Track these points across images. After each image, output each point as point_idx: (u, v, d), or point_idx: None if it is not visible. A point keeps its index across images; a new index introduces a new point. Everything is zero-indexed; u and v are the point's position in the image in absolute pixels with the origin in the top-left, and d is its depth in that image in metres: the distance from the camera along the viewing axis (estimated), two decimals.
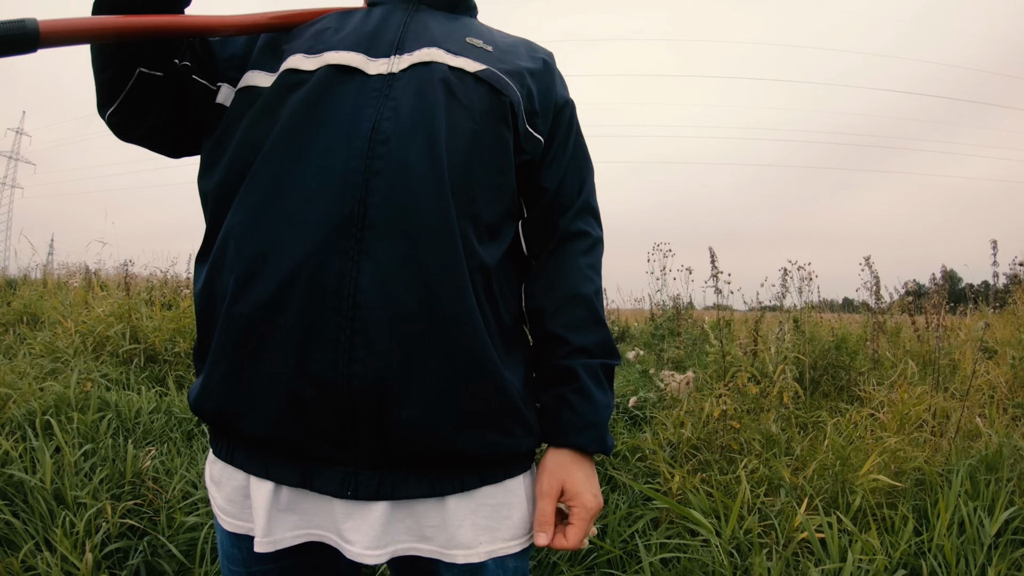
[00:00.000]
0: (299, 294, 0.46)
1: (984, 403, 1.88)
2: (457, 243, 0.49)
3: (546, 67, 0.64)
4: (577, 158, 0.65)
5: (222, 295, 0.50)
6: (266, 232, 0.48)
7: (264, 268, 0.47)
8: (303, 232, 0.47)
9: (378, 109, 0.51)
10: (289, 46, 0.57)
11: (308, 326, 0.46)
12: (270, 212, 0.49)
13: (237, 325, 0.48)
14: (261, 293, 0.47)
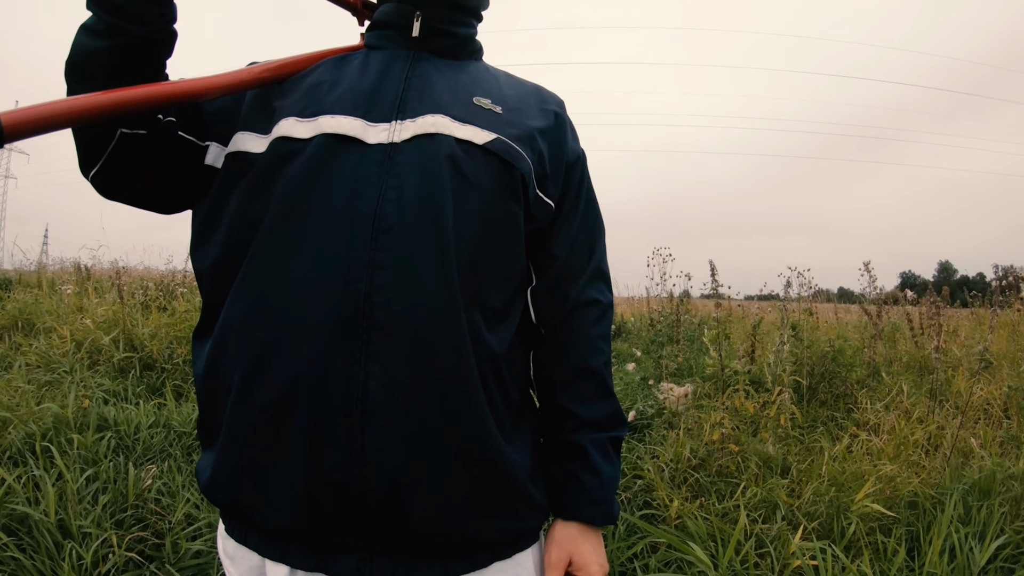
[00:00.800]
0: (306, 397, 0.46)
1: (979, 417, 1.90)
2: (466, 339, 0.49)
3: (557, 121, 0.61)
4: (588, 218, 0.63)
5: (226, 388, 0.49)
6: (267, 329, 0.47)
7: (268, 369, 0.47)
8: (306, 331, 0.46)
9: (380, 189, 0.48)
10: (281, 104, 0.53)
11: (318, 429, 0.46)
12: (270, 306, 0.47)
13: (245, 426, 0.47)
14: (267, 396, 0.46)
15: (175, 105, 0.48)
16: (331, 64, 0.58)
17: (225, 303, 0.50)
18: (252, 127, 0.53)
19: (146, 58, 0.49)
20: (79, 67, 0.48)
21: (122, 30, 0.46)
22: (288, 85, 0.55)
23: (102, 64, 0.47)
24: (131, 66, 0.48)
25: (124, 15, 0.46)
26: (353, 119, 0.51)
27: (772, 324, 3.05)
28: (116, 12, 0.46)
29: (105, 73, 0.47)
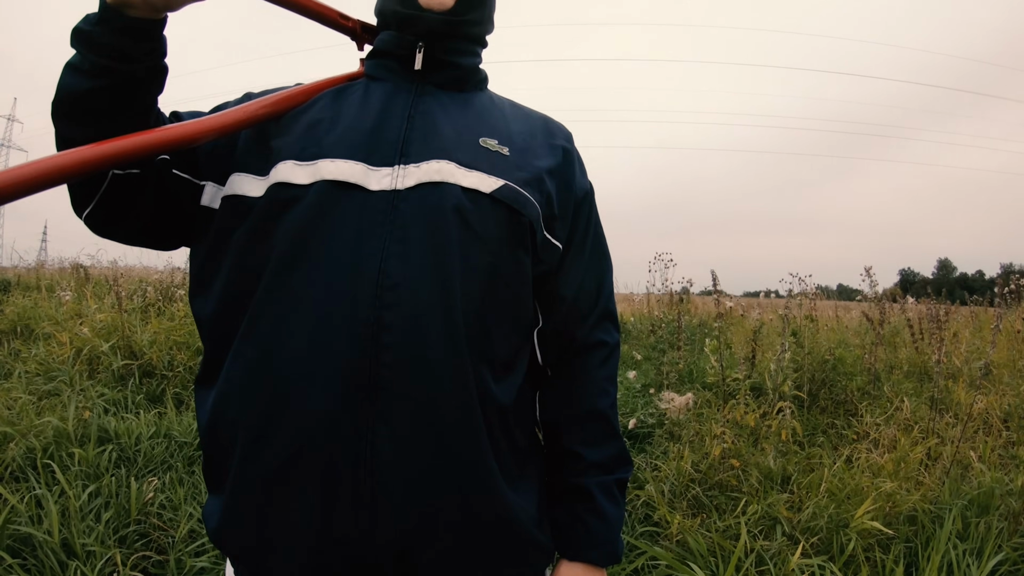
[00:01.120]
0: (314, 455, 0.45)
1: (978, 427, 1.91)
2: (473, 395, 0.48)
3: (565, 158, 0.60)
4: (595, 257, 0.63)
5: (231, 444, 0.49)
6: (271, 389, 0.46)
7: (274, 430, 0.46)
8: (312, 392, 0.45)
9: (384, 241, 0.47)
10: (279, 144, 0.52)
11: (326, 486, 0.46)
12: (274, 366, 0.47)
13: (253, 481, 0.47)
14: (274, 455, 0.46)
15: (173, 150, 0.47)
16: (330, 98, 0.56)
17: (227, 358, 0.49)
18: (249, 168, 0.52)
19: (136, 97, 0.47)
20: (66, 108, 0.47)
21: (108, 70, 0.45)
22: (286, 121, 0.54)
23: (89, 105, 0.46)
24: (120, 106, 0.47)
25: (110, 54, 0.44)
26: (354, 163, 0.49)
27: (773, 328, 3.04)
28: (101, 51, 0.44)
29: (93, 114, 0.46)
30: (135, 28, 0.44)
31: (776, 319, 2.99)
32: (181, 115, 0.55)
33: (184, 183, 0.53)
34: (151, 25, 0.45)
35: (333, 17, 0.59)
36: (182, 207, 0.53)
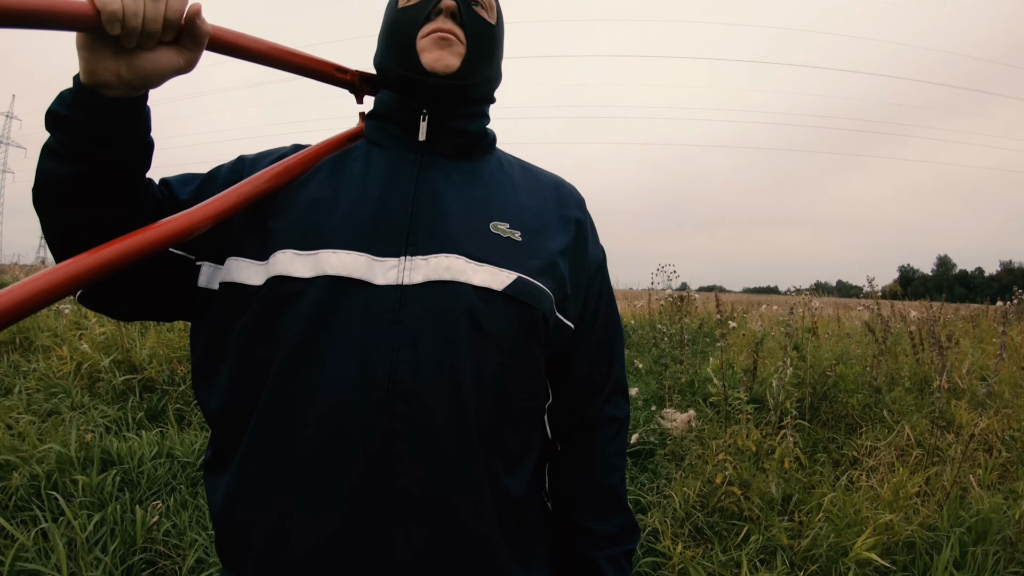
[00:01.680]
0: (329, 561, 0.45)
1: (978, 447, 1.92)
2: (486, 492, 0.48)
3: (578, 231, 0.58)
4: (608, 330, 0.62)
5: (246, 540, 0.48)
6: (283, 496, 0.46)
7: (287, 536, 0.46)
8: (325, 500, 0.45)
9: (393, 345, 0.46)
10: (277, 225, 0.50)
11: None
12: (285, 473, 0.46)
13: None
14: (288, 560, 0.46)
15: (167, 246, 0.44)
16: (329, 168, 0.54)
17: (237, 455, 0.49)
18: (246, 251, 0.50)
19: (121, 180, 0.45)
20: (47, 195, 0.45)
21: (88, 155, 0.42)
22: (284, 197, 0.52)
23: (72, 192, 0.43)
24: (105, 192, 0.44)
25: (88, 139, 0.42)
26: (357, 255, 0.47)
27: (776, 340, 3.04)
28: (79, 136, 0.42)
29: (77, 201, 0.44)
30: (114, 109, 0.42)
31: (778, 330, 2.98)
32: (170, 182, 0.53)
33: (181, 260, 0.51)
34: (131, 104, 0.42)
35: (329, 72, 0.56)
36: (179, 285, 0.52)
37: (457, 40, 0.53)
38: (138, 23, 0.38)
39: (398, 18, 0.55)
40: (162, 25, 0.40)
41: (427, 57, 0.52)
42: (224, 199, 0.48)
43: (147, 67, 0.41)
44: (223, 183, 0.54)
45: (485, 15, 0.56)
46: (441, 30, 0.52)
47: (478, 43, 0.55)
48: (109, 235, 0.44)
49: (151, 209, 0.49)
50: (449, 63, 0.52)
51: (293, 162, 0.53)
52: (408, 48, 0.53)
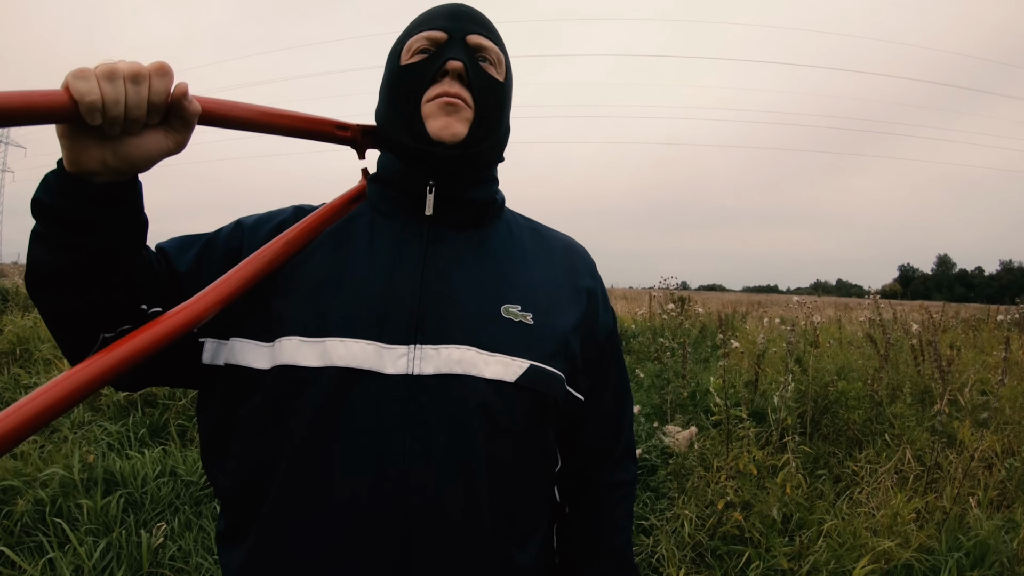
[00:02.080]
0: None
1: (979, 464, 1.92)
2: (499, 569, 0.48)
3: (590, 301, 0.57)
4: (617, 397, 0.61)
5: None
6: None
7: None
8: None
9: (406, 440, 0.45)
10: (281, 306, 0.49)
11: None
12: (298, 565, 0.45)
13: None
14: None
15: (172, 342, 0.44)
16: (332, 242, 0.52)
17: (250, 535, 0.48)
18: (250, 331, 0.49)
19: (118, 263, 0.43)
20: (41, 284, 0.43)
21: (79, 244, 0.40)
22: (286, 274, 0.50)
23: (66, 280, 0.42)
24: (101, 276, 0.42)
25: (78, 229, 0.40)
26: (366, 344, 0.46)
27: (778, 352, 3.04)
28: (68, 226, 0.40)
29: (72, 288, 0.42)
30: (103, 196, 0.39)
31: (780, 344, 2.98)
32: (167, 251, 0.52)
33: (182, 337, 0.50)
34: (121, 189, 0.40)
35: (329, 131, 0.54)
36: (183, 359, 0.51)
37: (465, 104, 0.51)
38: (120, 111, 0.36)
39: (401, 76, 0.52)
40: (146, 111, 0.37)
41: (433, 125, 0.50)
42: (227, 284, 0.47)
43: (134, 153, 0.39)
44: (223, 251, 0.53)
45: (494, 72, 0.54)
46: (447, 94, 0.50)
47: (487, 105, 0.52)
48: (108, 315, 0.44)
49: (150, 283, 0.47)
50: (456, 131, 0.50)
51: (295, 236, 0.51)
52: (413, 113, 0.51)
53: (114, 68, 0.36)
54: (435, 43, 0.52)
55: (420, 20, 0.54)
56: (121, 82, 0.36)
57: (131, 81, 0.36)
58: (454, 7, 0.54)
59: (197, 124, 0.42)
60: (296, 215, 0.56)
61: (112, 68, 0.36)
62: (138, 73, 0.36)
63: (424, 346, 0.47)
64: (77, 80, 0.35)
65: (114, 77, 0.36)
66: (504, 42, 0.57)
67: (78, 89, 0.35)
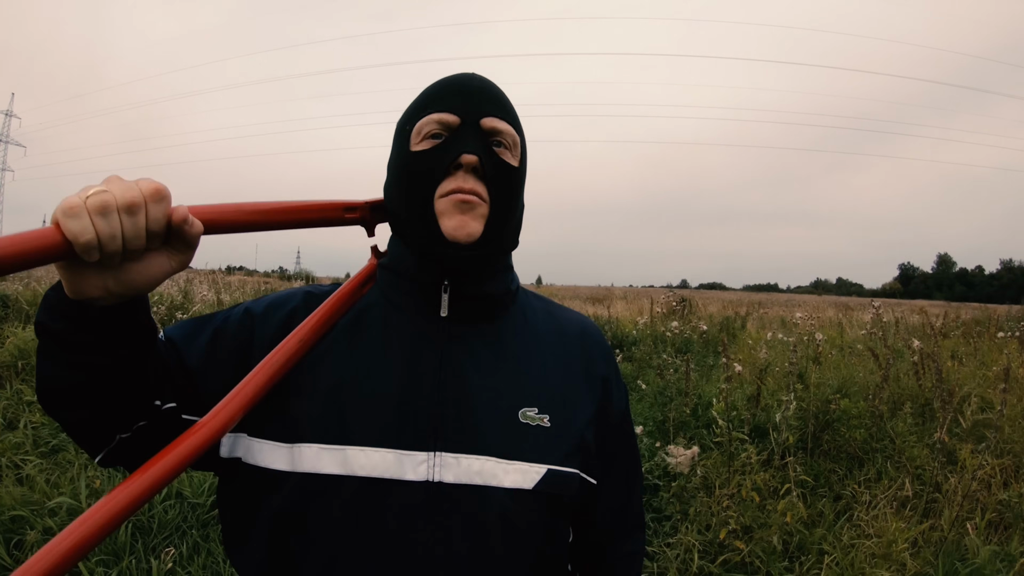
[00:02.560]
0: None
1: (979, 486, 1.94)
2: None
3: (604, 389, 0.57)
4: (628, 472, 0.62)
5: None
6: None
7: None
8: None
9: (427, 544, 0.46)
10: (297, 407, 0.49)
11: None
12: None
13: None
14: None
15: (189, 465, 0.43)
16: (346, 339, 0.52)
17: None
18: (267, 432, 0.49)
19: (129, 375, 0.42)
20: (51, 399, 0.43)
21: (86, 364, 0.40)
22: (301, 374, 0.49)
23: (75, 396, 0.42)
24: (114, 389, 0.42)
25: (82, 350, 0.39)
26: (386, 452, 0.47)
27: (779, 366, 3.04)
28: (74, 349, 0.39)
29: (85, 402, 0.42)
30: (107, 319, 0.39)
31: (782, 360, 2.98)
32: (176, 342, 0.51)
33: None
34: (126, 308, 0.39)
35: (337, 215, 0.52)
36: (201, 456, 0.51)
37: (480, 199, 0.49)
38: (118, 246, 0.35)
39: (412, 165, 0.51)
40: (145, 240, 0.36)
41: (448, 223, 0.49)
42: (245, 393, 0.46)
43: (137, 279, 0.38)
44: (233, 341, 0.52)
45: (509, 158, 0.52)
46: (462, 191, 0.48)
47: (502, 196, 0.51)
48: (123, 418, 0.44)
49: (162, 379, 0.47)
50: (472, 231, 0.49)
51: (309, 334, 0.50)
52: (425, 208, 0.49)
53: (106, 202, 0.34)
54: (447, 127, 0.50)
55: (430, 96, 0.52)
56: (116, 215, 0.34)
57: (126, 213, 0.35)
58: (465, 82, 0.52)
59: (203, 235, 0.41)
60: (306, 302, 0.55)
61: (104, 202, 0.34)
62: (133, 204, 0.35)
63: (444, 454, 0.47)
64: (69, 219, 0.33)
65: (107, 211, 0.34)
66: (517, 114, 0.55)
67: (71, 229, 0.33)
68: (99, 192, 0.35)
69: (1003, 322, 4.93)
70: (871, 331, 3.23)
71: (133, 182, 0.37)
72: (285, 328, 0.51)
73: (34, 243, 0.33)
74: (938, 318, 4.54)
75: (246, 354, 0.51)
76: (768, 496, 1.90)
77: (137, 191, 0.36)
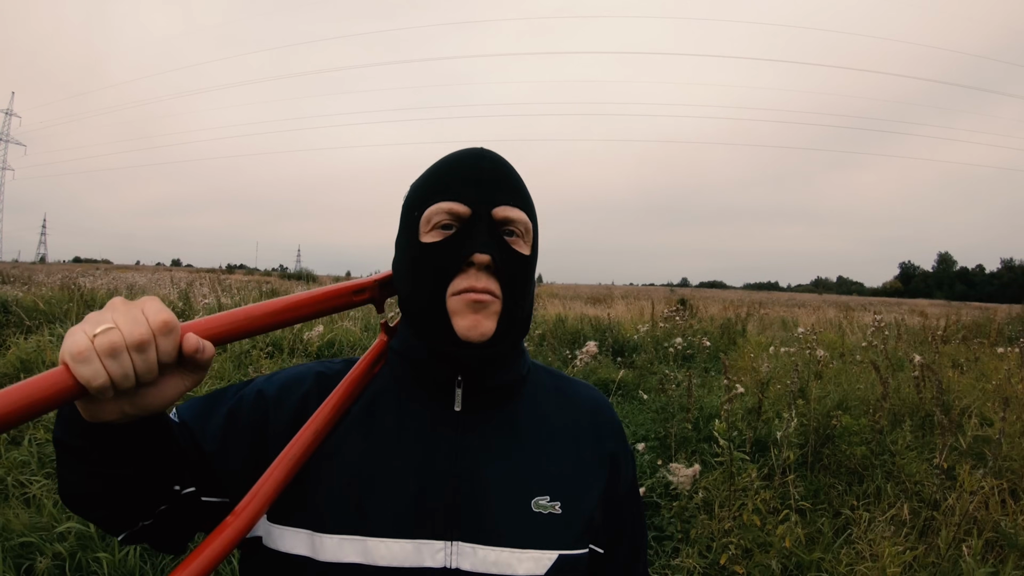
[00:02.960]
0: None
1: (978, 508, 1.96)
2: None
3: (613, 468, 0.58)
4: (636, 539, 0.62)
5: None
6: None
7: None
8: None
9: None
10: (315, 497, 0.49)
11: None
12: None
13: None
14: None
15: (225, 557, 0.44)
16: (361, 428, 0.52)
17: None
18: (287, 518, 0.49)
19: (153, 477, 0.43)
20: (74, 502, 0.44)
21: (106, 475, 0.40)
22: (317, 462, 0.50)
23: (97, 500, 0.42)
24: (138, 492, 0.43)
25: (102, 464, 0.40)
26: (405, 543, 0.48)
27: (782, 374, 3.05)
28: (94, 463, 0.40)
29: (104, 504, 0.43)
30: (125, 435, 0.39)
31: (784, 377, 2.99)
32: (191, 426, 0.51)
33: (218, 507, 0.50)
34: (144, 423, 0.40)
35: (346, 300, 0.53)
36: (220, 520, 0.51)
37: (493, 297, 0.49)
38: (131, 384, 0.35)
39: (422, 257, 0.50)
40: (157, 373, 0.37)
41: (461, 323, 0.48)
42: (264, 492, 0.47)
43: (152, 402, 0.38)
44: (248, 424, 0.52)
45: (522, 246, 0.51)
46: (475, 290, 0.48)
47: (515, 287, 0.50)
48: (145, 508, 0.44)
49: (179, 465, 0.47)
50: (485, 330, 0.49)
51: (324, 424, 0.51)
52: (436, 304, 0.49)
53: (115, 343, 0.34)
54: (458, 218, 0.49)
55: (439, 181, 0.51)
56: (126, 355, 0.35)
57: (136, 351, 0.35)
58: (476, 167, 0.51)
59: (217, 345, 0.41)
60: (319, 385, 0.55)
61: (112, 343, 0.34)
62: (142, 341, 0.35)
63: (461, 543, 0.48)
64: (79, 365, 0.33)
65: (117, 352, 0.34)
66: (529, 192, 0.54)
67: (83, 375, 0.33)
68: (106, 331, 0.34)
69: (1003, 325, 4.93)
70: (872, 343, 3.23)
71: (139, 310, 0.37)
72: (299, 414, 0.51)
73: (47, 391, 0.34)
74: (939, 320, 4.54)
75: (261, 437, 0.51)
76: (768, 514, 1.92)
77: (145, 327, 0.35)
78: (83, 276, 11.26)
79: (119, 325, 0.35)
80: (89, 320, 0.36)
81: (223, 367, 3.54)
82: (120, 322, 0.35)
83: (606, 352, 5.23)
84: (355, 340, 4.80)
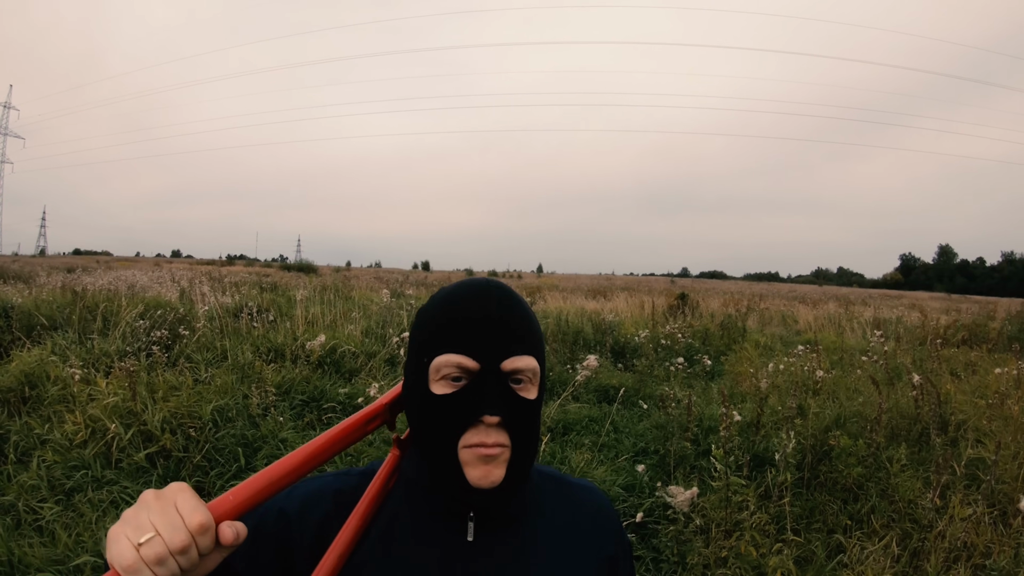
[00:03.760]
0: None
1: (969, 533, 1.99)
2: None
3: (611, 568, 0.60)
4: None
5: None
6: None
7: None
8: None
9: None
10: None
11: None
12: None
13: None
14: None
15: None
16: (380, 555, 0.53)
17: None
18: None
19: None
20: None
21: None
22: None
23: None
24: None
25: None
26: None
27: (783, 386, 3.07)
28: None
29: None
30: None
31: (783, 393, 3.00)
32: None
33: None
34: None
35: (360, 431, 0.55)
36: None
37: (503, 448, 0.51)
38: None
39: (432, 408, 0.52)
40: (198, 561, 0.40)
41: (472, 473, 0.51)
42: None
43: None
44: (274, 546, 0.54)
45: (529, 391, 0.52)
46: (485, 445, 0.50)
47: (524, 434, 0.52)
48: None
49: None
50: (495, 478, 0.51)
51: (345, 548, 0.52)
52: (448, 454, 0.51)
53: (160, 554, 0.38)
54: (467, 372, 0.51)
55: (448, 331, 0.52)
56: (172, 560, 0.38)
57: (180, 554, 0.38)
58: (484, 316, 0.51)
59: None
60: (337, 505, 0.56)
61: (159, 555, 0.38)
62: (184, 546, 0.39)
63: None
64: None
65: (164, 561, 0.38)
66: (538, 328, 0.55)
67: None
68: (149, 542, 0.38)
69: (1003, 324, 4.93)
70: (871, 357, 3.23)
71: (174, 511, 0.39)
72: (320, 537, 0.53)
73: None
74: (939, 318, 4.54)
75: (287, 555, 0.53)
76: (764, 538, 1.96)
77: (184, 533, 0.39)
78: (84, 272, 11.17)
79: (160, 531, 0.38)
80: (128, 522, 0.39)
81: (225, 380, 3.57)
82: (160, 526, 0.39)
83: (606, 355, 5.26)
84: (356, 345, 4.82)
